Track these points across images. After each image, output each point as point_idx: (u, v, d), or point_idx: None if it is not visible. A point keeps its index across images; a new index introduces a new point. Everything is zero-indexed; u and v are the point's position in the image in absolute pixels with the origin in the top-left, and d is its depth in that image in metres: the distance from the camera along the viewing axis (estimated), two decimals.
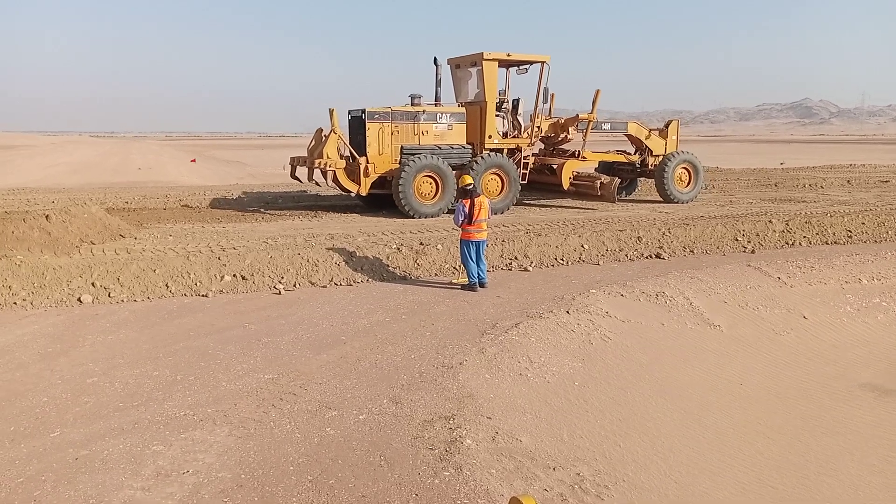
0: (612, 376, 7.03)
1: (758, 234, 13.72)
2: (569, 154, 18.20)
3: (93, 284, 9.42)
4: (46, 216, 11.15)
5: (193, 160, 44.69)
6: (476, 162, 15.85)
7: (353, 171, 15.46)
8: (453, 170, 15.66)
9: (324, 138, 15.50)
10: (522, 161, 16.86)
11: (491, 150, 16.42)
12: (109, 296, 9.34)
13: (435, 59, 16.53)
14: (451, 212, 15.63)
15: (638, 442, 5.73)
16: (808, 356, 8.29)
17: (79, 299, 9.15)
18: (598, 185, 16.71)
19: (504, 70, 17.27)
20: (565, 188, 17.28)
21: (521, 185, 16.73)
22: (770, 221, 14.17)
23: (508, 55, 16.26)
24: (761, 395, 7.12)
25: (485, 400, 6.17)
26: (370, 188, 15.54)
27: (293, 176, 17.09)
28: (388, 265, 10.91)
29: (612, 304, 9.08)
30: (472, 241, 9.97)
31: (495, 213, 15.45)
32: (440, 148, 15.94)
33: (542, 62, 16.51)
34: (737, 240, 13.47)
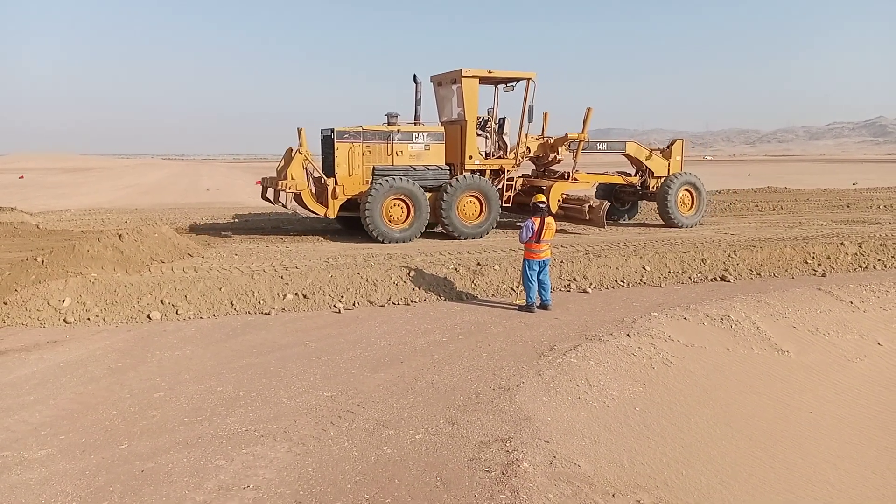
0: (675, 402, 6.86)
1: (829, 257, 13.25)
2: (558, 175, 17.38)
3: (161, 302, 9.75)
4: (119, 235, 11.57)
5: (259, 181, 45.95)
6: (451, 184, 15.04)
7: (322, 193, 14.89)
8: (429, 192, 15.04)
9: (292, 158, 14.90)
10: (506, 183, 16.24)
11: (472, 171, 15.71)
12: (177, 313, 9.65)
13: (415, 76, 15.59)
14: (429, 235, 15.39)
15: (701, 470, 5.56)
16: (883, 384, 7.92)
17: (148, 316, 9.49)
18: (587, 209, 16.01)
19: (492, 88, 16.63)
20: (553, 211, 16.23)
21: (505, 207, 16.07)
22: (842, 244, 13.66)
23: (490, 72, 15.51)
24: (832, 425, 6.83)
25: (542, 423, 6.10)
26: (339, 211, 14.89)
27: (264, 197, 16.25)
28: (445, 285, 10.95)
29: (675, 328, 8.88)
30: (535, 261, 9.94)
31: (472, 238, 15.18)
32: (415, 169, 15.18)
33: (528, 79, 15.73)
34: (806, 262, 13.03)
